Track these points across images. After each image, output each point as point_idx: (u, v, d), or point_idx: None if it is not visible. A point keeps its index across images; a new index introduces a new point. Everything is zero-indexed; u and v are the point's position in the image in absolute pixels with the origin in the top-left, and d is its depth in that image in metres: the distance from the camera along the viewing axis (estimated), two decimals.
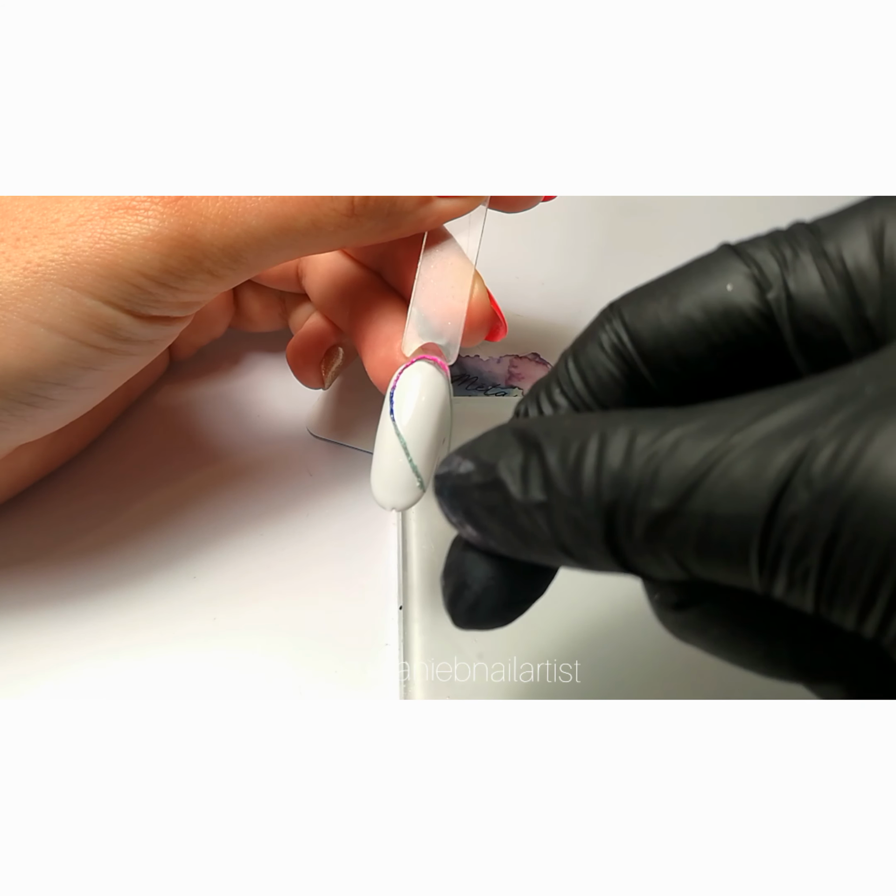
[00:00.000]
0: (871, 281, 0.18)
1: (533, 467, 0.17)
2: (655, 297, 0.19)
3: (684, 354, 0.19)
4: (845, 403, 0.14)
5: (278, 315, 0.34)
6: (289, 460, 0.33)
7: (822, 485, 0.14)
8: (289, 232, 0.24)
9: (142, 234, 0.23)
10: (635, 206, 0.45)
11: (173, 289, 0.24)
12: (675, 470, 0.15)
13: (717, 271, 0.19)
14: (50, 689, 0.27)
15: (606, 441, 0.16)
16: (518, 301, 0.39)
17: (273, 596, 0.29)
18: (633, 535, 0.16)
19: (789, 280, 0.18)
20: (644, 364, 0.19)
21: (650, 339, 0.19)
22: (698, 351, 0.19)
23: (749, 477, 0.14)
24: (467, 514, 0.19)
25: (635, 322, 0.19)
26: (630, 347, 0.19)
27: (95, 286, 0.23)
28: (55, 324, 0.23)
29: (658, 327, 0.19)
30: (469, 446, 0.19)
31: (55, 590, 0.29)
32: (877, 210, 0.18)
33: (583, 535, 0.17)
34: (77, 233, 0.23)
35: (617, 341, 0.19)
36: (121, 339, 0.24)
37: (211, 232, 0.23)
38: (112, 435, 0.33)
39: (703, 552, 0.15)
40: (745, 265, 0.19)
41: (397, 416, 0.24)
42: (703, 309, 0.19)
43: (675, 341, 0.19)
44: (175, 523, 0.31)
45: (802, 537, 0.14)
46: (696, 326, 0.19)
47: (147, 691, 0.27)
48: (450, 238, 0.27)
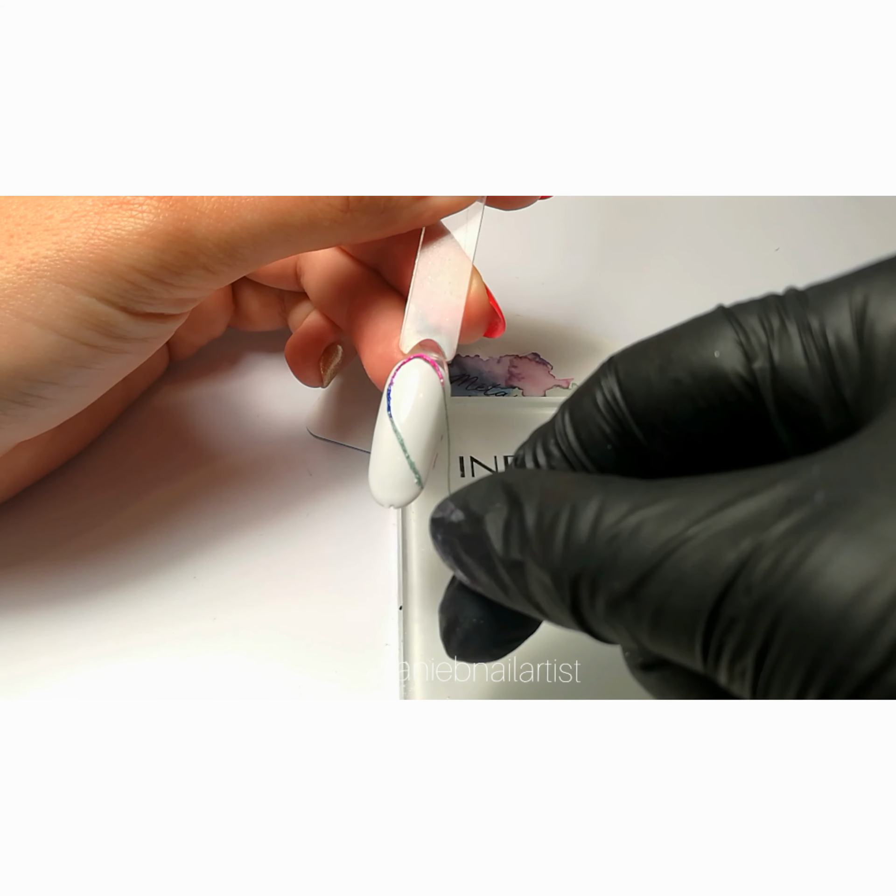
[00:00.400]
0: (851, 361, 0.18)
1: (514, 526, 0.18)
2: (649, 358, 0.20)
3: (672, 416, 0.19)
4: (794, 509, 0.15)
5: (277, 314, 0.34)
6: (289, 460, 0.33)
7: (759, 593, 0.14)
8: (284, 227, 0.24)
9: (136, 230, 0.23)
10: (635, 206, 0.45)
11: (168, 285, 0.24)
12: (633, 555, 0.16)
13: (707, 336, 0.19)
14: (50, 690, 0.27)
15: (576, 513, 0.17)
16: (518, 301, 0.39)
17: (273, 596, 0.29)
18: (594, 609, 0.17)
19: (775, 352, 0.18)
20: (635, 423, 0.20)
21: (641, 400, 0.20)
22: (686, 414, 0.19)
23: (699, 572, 0.15)
24: (457, 560, 0.20)
25: (628, 381, 0.20)
26: (622, 406, 0.20)
27: (89, 282, 0.23)
28: (48, 321, 0.23)
29: (649, 388, 0.19)
30: (462, 494, 0.20)
31: (55, 590, 0.29)
32: (859, 286, 0.18)
33: (552, 600, 0.18)
34: (71, 229, 0.23)
35: (611, 399, 0.20)
36: (115, 336, 0.24)
37: (206, 227, 0.23)
38: (111, 435, 0.33)
39: (655, 636, 0.16)
40: (734, 332, 0.19)
41: (395, 413, 0.24)
42: (691, 373, 0.19)
43: (664, 403, 0.19)
44: (175, 523, 0.31)
45: (740, 640, 0.15)
46: (684, 390, 0.19)
47: (147, 692, 0.27)
48: (447, 234, 0.27)
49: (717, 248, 0.44)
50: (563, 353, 0.37)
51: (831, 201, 0.46)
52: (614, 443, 0.20)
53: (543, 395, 0.36)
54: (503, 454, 0.33)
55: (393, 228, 0.26)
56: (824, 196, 0.40)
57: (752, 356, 0.19)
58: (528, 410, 0.35)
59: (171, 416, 0.34)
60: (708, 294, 0.41)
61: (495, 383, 0.36)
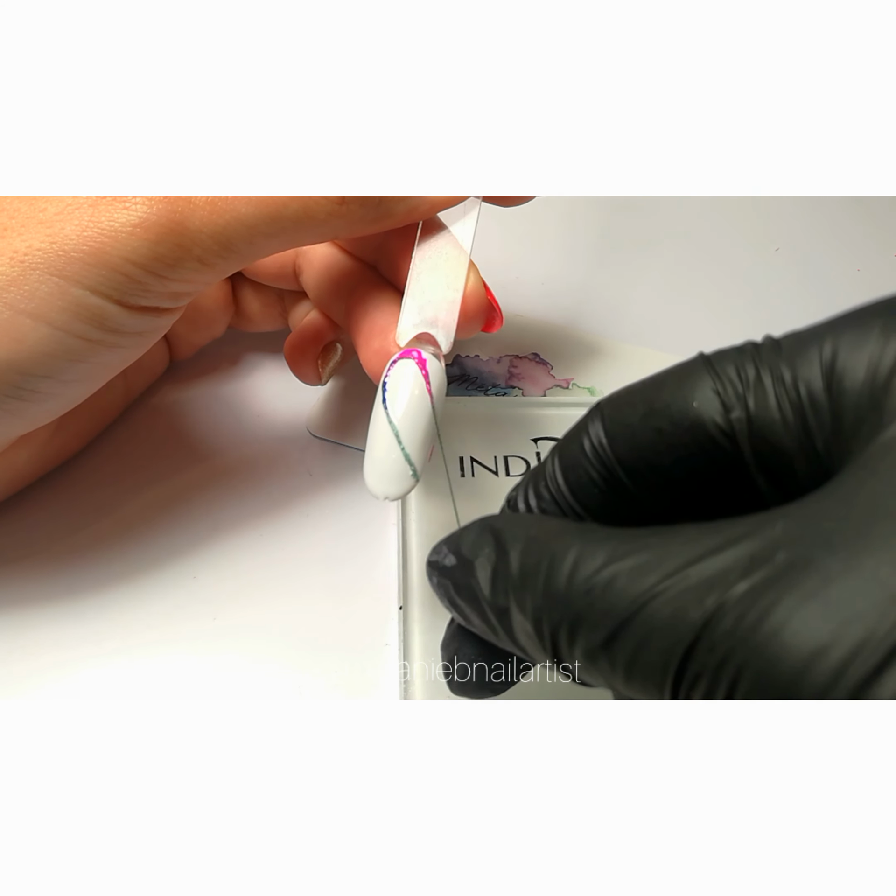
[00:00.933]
0: (822, 413, 0.18)
1: (501, 573, 0.19)
2: (633, 405, 0.20)
3: (656, 463, 0.20)
4: (756, 568, 0.16)
5: (278, 314, 0.34)
6: (289, 460, 0.33)
7: (721, 651, 0.15)
8: (279, 219, 0.24)
9: (129, 222, 0.23)
10: (636, 206, 0.45)
11: (162, 277, 0.24)
12: (608, 607, 0.17)
13: (687, 385, 0.20)
14: (49, 690, 0.27)
15: (555, 564, 0.18)
16: (518, 301, 0.39)
17: (273, 596, 0.29)
18: (573, 657, 0.18)
19: (750, 402, 0.19)
20: (621, 469, 0.20)
21: (626, 447, 0.20)
22: (668, 461, 0.20)
23: (667, 628, 0.16)
24: (451, 602, 0.20)
25: (614, 428, 0.20)
26: (608, 452, 0.20)
27: (83, 275, 0.23)
28: (41, 314, 0.23)
29: (633, 435, 0.20)
30: (455, 538, 0.21)
31: (54, 589, 0.29)
32: (829, 338, 0.18)
33: (535, 646, 0.18)
34: (64, 221, 0.23)
35: (598, 445, 0.21)
36: (109, 329, 0.24)
37: (200, 219, 0.23)
38: (111, 435, 0.33)
39: (628, 685, 0.17)
40: (712, 381, 0.19)
41: (390, 406, 0.24)
42: (672, 422, 0.20)
43: (647, 451, 0.20)
44: (175, 523, 0.31)
45: (705, 693, 0.16)
46: (666, 438, 0.20)
47: (146, 691, 0.27)
48: (444, 229, 0.27)
49: (717, 247, 0.44)
50: (563, 353, 0.37)
51: (831, 201, 0.46)
52: (601, 487, 0.21)
53: (543, 395, 0.36)
54: (503, 454, 0.33)
55: (389, 222, 0.26)
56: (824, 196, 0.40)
57: (729, 406, 0.19)
58: (528, 410, 0.35)
59: (171, 416, 0.34)
60: (708, 294, 0.41)
61: (495, 383, 0.36)
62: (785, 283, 0.42)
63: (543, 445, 0.33)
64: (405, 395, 0.24)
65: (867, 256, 0.44)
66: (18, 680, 0.27)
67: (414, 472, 0.24)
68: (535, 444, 0.33)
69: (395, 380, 0.25)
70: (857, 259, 0.44)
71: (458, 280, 0.27)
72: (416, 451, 0.24)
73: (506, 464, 0.32)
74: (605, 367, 0.37)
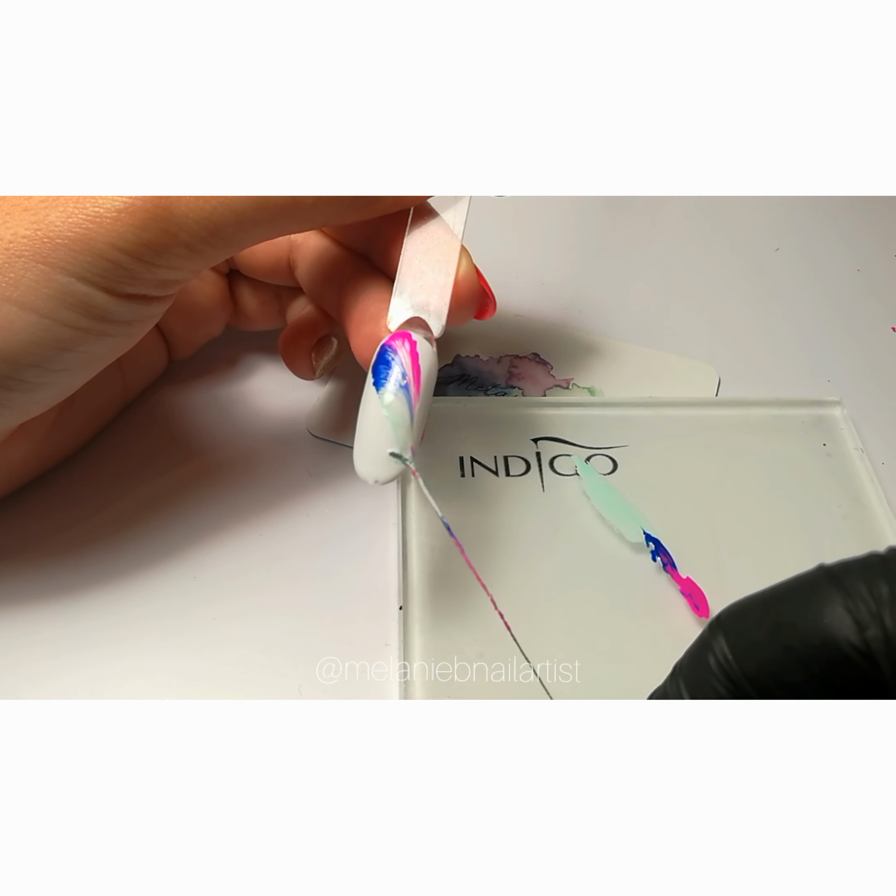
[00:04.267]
0: None
1: None
2: (758, 623, 0.20)
3: (786, 680, 0.19)
4: None
5: (276, 311, 0.34)
6: (289, 460, 0.33)
7: None
8: (267, 205, 0.24)
9: (114, 207, 0.23)
10: (636, 205, 0.45)
11: (149, 264, 0.23)
12: None
13: (815, 602, 0.19)
14: (49, 690, 0.27)
15: None
16: (518, 301, 0.39)
17: (273, 596, 0.29)
18: None
19: (886, 619, 0.18)
20: (750, 685, 0.20)
21: (753, 663, 0.20)
22: (799, 679, 0.19)
23: None
24: None
25: (739, 645, 0.20)
26: (735, 668, 0.20)
27: (68, 262, 0.23)
28: (27, 301, 0.23)
29: (760, 653, 0.19)
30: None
31: (53, 589, 0.29)
32: None
33: None
34: (49, 208, 0.23)
35: (723, 661, 0.20)
36: (96, 317, 0.24)
37: (186, 204, 0.23)
38: (110, 435, 0.33)
39: None
40: (842, 598, 0.19)
41: (379, 389, 0.24)
42: (801, 640, 0.19)
43: (776, 668, 0.19)
44: (174, 523, 0.31)
45: None
46: (796, 656, 0.19)
47: (146, 691, 0.27)
48: (436, 215, 0.27)
49: (717, 247, 0.44)
50: (563, 353, 0.37)
51: (831, 201, 0.46)
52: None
53: (543, 395, 0.36)
54: (503, 454, 0.33)
55: (378, 207, 0.26)
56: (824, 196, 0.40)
57: (863, 625, 0.18)
58: (528, 410, 0.34)
59: (170, 416, 0.34)
60: (708, 294, 0.41)
61: (495, 383, 0.36)
62: (785, 283, 0.42)
63: (543, 445, 0.33)
64: (395, 378, 0.24)
65: (867, 256, 0.44)
66: (16, 679, 0.27)
67: (402, 456, 0.24)
68: (535, 444, 0.33)
69: (385, 363, 0.25)
70: (857, 259, 0.44)
71: (449, 265, 0.27)
72: (405, 435, 0.24)
73: (506, 464, 0.32)
74: (605, 367, 0.37)
